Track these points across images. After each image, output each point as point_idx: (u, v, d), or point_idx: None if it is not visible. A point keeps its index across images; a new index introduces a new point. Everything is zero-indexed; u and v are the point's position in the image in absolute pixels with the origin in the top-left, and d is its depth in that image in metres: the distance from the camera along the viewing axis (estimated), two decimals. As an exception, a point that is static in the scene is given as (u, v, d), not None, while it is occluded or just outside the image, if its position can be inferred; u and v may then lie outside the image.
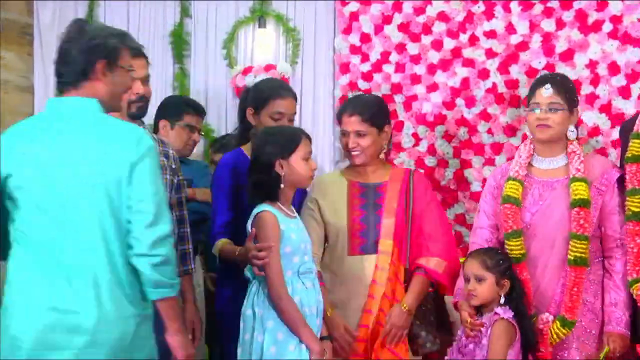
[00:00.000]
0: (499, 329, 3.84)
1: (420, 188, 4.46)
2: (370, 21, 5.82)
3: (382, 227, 4.32)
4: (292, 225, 4.02)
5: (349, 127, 4.29)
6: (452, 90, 5.63)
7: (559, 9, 5.40)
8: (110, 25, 4.07)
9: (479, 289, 3.90)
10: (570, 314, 3.93)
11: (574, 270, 3.94)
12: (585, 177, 4.02)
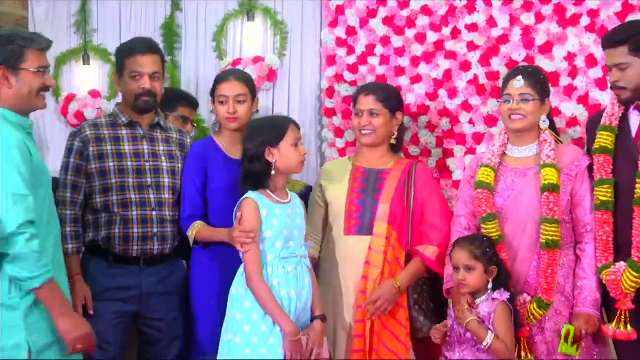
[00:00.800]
0: (504, 312, 3.93)
1: (422, 178, 4.52)
2: (355, 15, 5.79)
3: (378, 211, 4.38)
4: (277, 211, 4.08)
5: (364, 105, 4.40)
6: (435, 81, 5.59)
7: (538, 3, 5.37)
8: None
9: (469, 278, 3.97)
10: (546, 295, 4.02)
11: (547, 253, 4.03)
12: (555, 164, 4.10)
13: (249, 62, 5.95)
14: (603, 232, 4.05)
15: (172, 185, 4.36)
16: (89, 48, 6.29)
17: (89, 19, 6.34)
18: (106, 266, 4.26)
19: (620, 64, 4.03)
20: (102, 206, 4.24)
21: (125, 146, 4.31)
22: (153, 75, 4.32)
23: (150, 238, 4.27)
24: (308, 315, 4.09)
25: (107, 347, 4.22)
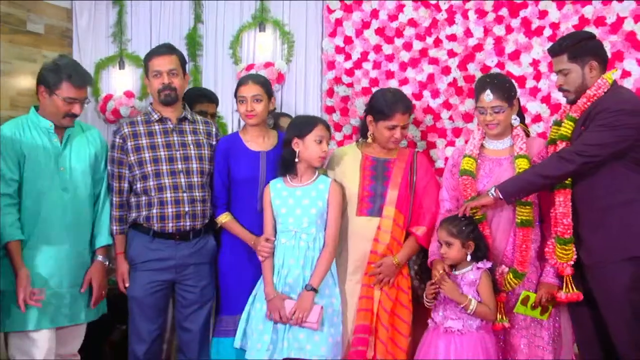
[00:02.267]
0: (487, 278, 3.93)
1: (423, 167, 4.45)
2: (352, 26, 5.81)
3: (387, 196, 4.31)
4: (284, 193, 4.15)
5: (401, 122, 4.24)
6: (420, 84, 5.62)
7: (508, 17, 5.40)
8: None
9: (449, 252, 3.95)
10: (521, 267, 3.99)
11: (522, 230, 3.99)
12: (526, 155, 4.06)
13: (261, 67, 5.96)
14: (559, 209, 4.03)
15: (200, 169, 4.34)
16: (124, 55, 6.34)
17: (124, 30, 6.39)
18: (147, 241, 4.26)
19: (563, 70, 4.03)
20: (142, 190, 4.25)
21: (158, 139, 4.31)
22: (171, 72, 4.30)
23: (183, 216, 4.25)
24: (303, 283, 4.07)
25: (146, 311, 4.29)
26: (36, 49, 6.02)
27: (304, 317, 3.97)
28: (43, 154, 4.06)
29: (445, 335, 3.95)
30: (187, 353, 4.38)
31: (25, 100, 5.86)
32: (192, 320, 4.34)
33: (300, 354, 4.00)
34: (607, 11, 5.17)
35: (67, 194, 4.10)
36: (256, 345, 4.05)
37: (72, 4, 6.43)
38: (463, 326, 3.93)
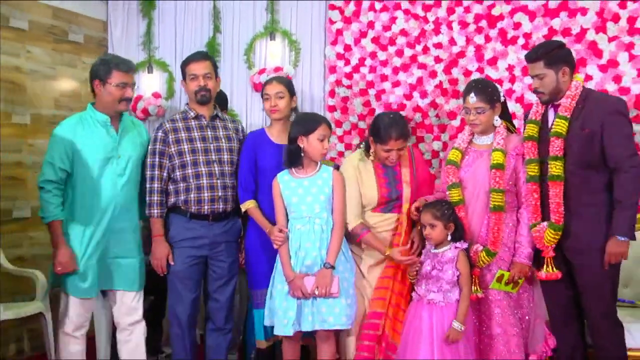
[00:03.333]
0: (464, 256, 3.98)
1: (421, 162, 4.50)
2: (351, 35, 5.87)
3: (403, 194, 4.30)
4: (292, 184, 4.12)
5: (395, 147, 4.20)
6: (410, 85, 5.69)
7: (486, 28, 5.48)
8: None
9: (432, 233, 4.00)
10: (493, 247, 4.02)
11: (494, 214, 4.03)
12: (502, 149, 4.08)
13: (271, 71, 5.95)
14: (532, 199, 4.06)
15: (230, 159, 4.39)
16: (152, 61, 6.37)
17: (152, 39, 6.41)
18: (185, 221, 4.32)
19: (539, 75, 4.03)
20: (181, 178, 4.30)
21: (194, 133, 4.37)
22: (206, 76, 4.37)
23: (217, 200, 4.32)
24: (321, 262, 4.02)
25: (186, 281, 4.35)
26: (76, 56, 6.06)
27: (327, 290, 3.96)
28: (101, 144, 4.15)
29: (428, 306, 3.99)
30: (215, 321, 4.44)
31: (67, 100, 5.94)
32: (221, 292, 4.42)
33: (324, 325, 4.00)
34: (572, 23, 5.24)
35: (121, 179, 4.18)
36: (282, 321, 4.03)
37: (107, 16, 6.44)
38: (444, 298, 3.98)
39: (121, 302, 4.30)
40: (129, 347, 4.31)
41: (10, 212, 5.45)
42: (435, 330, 3.92)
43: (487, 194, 4.09)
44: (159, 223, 4.33)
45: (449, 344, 3.88)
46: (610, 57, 5.19)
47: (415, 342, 3.95)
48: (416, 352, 3.92)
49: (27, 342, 5.57)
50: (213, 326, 4.46)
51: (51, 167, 4.07)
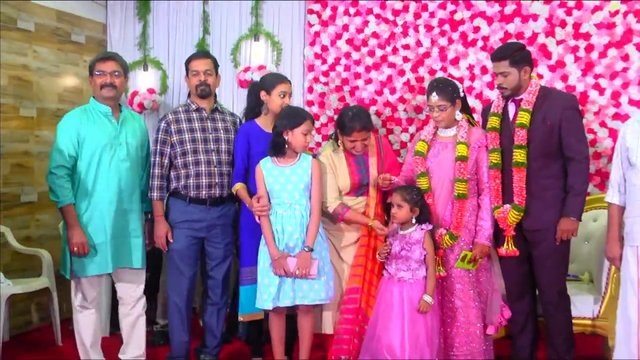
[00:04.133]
0: (429, 237, 3.99)
1: (389, 150, 4.49)
2: (327, 37, 5.90)
3: (371, 179, 4.32)
4: (275, 172, 4.08)
5: (358, 138, 4.23)
6: (381, 83, 5.75)
7: (449, 31, 5.54)
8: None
9: (398, 213, 4.01)
10: (455, 230, 4.06)
11: (458, 202, 4.06)
12: (466, 142, 4.09)
13: (255, 69, 5.97)
14: (494, 184, 4.08)
15: (227, 149, 4.38)
16: (147, 60, 6.40)
17: (147, 40, 6.40)
18: (184, 205, 4.31)
19: (503, 72, 4.04)
20: (182, 164, 4.29)
21: (195, 124, 4.35)
22: (206, 72, 4.35)
23: (214, 186, 4.31)
24: (302, 244, 4.02)
25: (185, 259, 4.35)
26: (78, 55, 6.05)
27: (307, 272, 3.96)
28: (104, 132, 4.13)
29: (398, 283, 3.99)
30: (212, 296, 4.44)
31: (70, 95, 5.94)
32: (217, 270, 4.43)
33: (304, 300, 4.03)
34: (525, 28, 5.33)
35: (124, 164, 4.16)
36: (263, 296, 4.04)
37: (106, 19, 6.41)
38: (412, 276, 3.99)
39: (126, 279, 4.29)
40: (131, 320, 4.31)
41: (19, 197, 5.47)
42: (406, 305, 3.94)
43: (452, 182, 4.11)
44: (160, 205, 4.30)
45: (418, 315, 3.91)
46: (558, 58, 5.29)
47: (387, 315, 3.97)
48: (388, 324, 3.94)
49: (35, 314, 5.60)
50: (210, 301, 4.46)
51: (61, 153, 4.06)
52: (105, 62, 4.21)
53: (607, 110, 5.18)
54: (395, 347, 3.88)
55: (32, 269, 5.32)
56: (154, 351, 4.60)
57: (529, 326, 4.22)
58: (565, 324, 4.11)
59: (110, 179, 4.13)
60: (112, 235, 4.13)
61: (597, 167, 5.16)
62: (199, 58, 4.45)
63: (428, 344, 3.91)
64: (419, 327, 3.92)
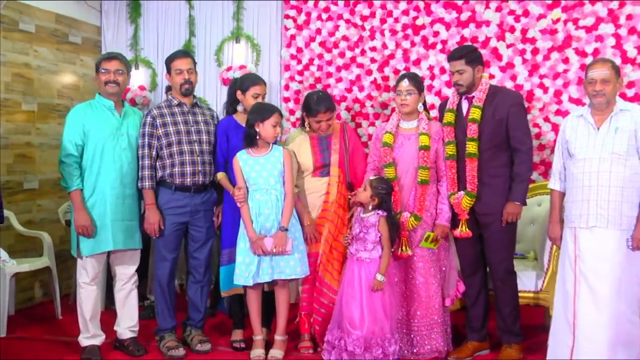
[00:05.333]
0: (384, 221, 3.97)
1: (352, 136, 4.47)
2: (302, 40, 5.90)
3: (332, 161, 4.32)
4: (250, 161, 4.08)
5: (324, 118, 4.27)
6: (350, 81, 5.75)
7: (412, 35, 5.55)
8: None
9: (361, 193, 4.00)
10: (419, 213, 4.09)
11: (421, 187, 4.10)
12: (427, 133, 4.12)
13: (237, 69, 5.95)
14: (450, 173, 4.11)
15: (208, 140, 4.33)
16: (138, 59, 6.32)
17: (138, 41, 6.36)
18: (170, 192, 4.26)
19: (459, 70, 4.04)
20: (167, 155, 4.22)
21: (178, 117, 4.29)
22: (189, 70, 4.29)
23: (197, 173, 4.25)
24: (277, 225, 4.04)
25: (169, 244, 4.30)
26: (76, 55, 6.01)
27: (283, 249, 4.00)
28: (108, 125, 4.11)
29: (357, 262, 4.01)
30: (196, 275, 4.39)
31: (68, 91, 5.90)
32: (200, 251, 4.38)
33: (282, 275, 4.05)
34: (479, 32, 5.38)
35: (125, 152, 4.13)
36: (244, 274, 4.05)
37: (101, 22, 6.37)
38: (369, 256, 3.99)
39: (122, 258, 4.27)
40: (124, 294, 4.30)
41: (22, 184, 5.44)
42: (364, 282, 3.96)
43: (415, 169, 4.13)
44: (151, 193, 4.23)
45: (374, 292, 3.93)
46: (508, 60, 5.35)
47: (349, 291, 3.99)
48: (350, 299, 3.97)
49: (38, 291, 5.59)
50: (194, 279, 4.42)
51: (70, 143, 4.03)
52: (110, 61, 4.19)
53: (551, 107, 5.25)
54: (356, 320, 3.91)
55: (34, 249, 5.30)
56: (145, 324, 4.59)
57: (481, 299, 4.25)
58: (512, 297, 4.15)
59: (113, 166, 4.10)
60: (114, 218, 4.10)
61: (542, 158, 5.23)
62: (182, 57, 4.37)
63: (387, 317, 3.94)
64: (377, 302, 3.94)
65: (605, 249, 3.61)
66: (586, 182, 3.67)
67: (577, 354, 3.64)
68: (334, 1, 5.83)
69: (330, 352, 3.98)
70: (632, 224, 3.60)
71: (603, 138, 3.65)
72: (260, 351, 4.18)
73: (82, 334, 4.20)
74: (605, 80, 3.61)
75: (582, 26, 5.19)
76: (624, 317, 3.60)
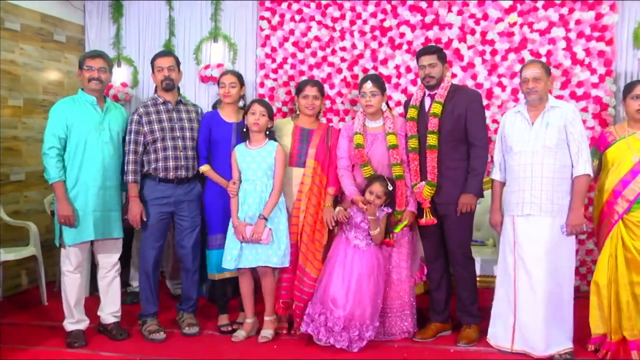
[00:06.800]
0: (385, 218, 4.05)
1: (334, 136, 4.39)
2: (276, 40, 5.91)
3: (309, 153, 4.30)
4: (245, 154, 4.16)
5: (310, 92, 4.30)
6: (322, 79, 5.71)
7: (379, 36, 5.60)
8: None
9: (377, 201, 4.01)
10: (399, 207, 4.11)
11: (398, 182, 4.11)
12: (394, 132, 4.16)
13: (215, 67, 5.94)
14: (413, 165, 4.13)
15: (191, 136, 4.34)
16: (121, 57, 6.29)
17: (121, 40, 6.32)
18: (154, 185, 4.27)
19: (432, 64, 4.07)
20: (152, 150, 4.25)
21: (162, 115, 4.30)
22: (169, 68, 4.30)
23: (180, 168, 4.27)
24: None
25: (154, 232, 4.31)
26: (60, 52, 5.99)
27: (259, 237, 4.03)
28: (90, 119, 4.10)
29: (353, 248, 4.06)
30: (185, 263, 4.42)
31: (53, 87, 5.87)
32: (187, 240, 4.38)
33: (259, 263, 4.10)
34: (442, 34, 5.46)
35: (107, 146, 4.12)
36: (227, 257, 4.13)
37: (84, 21, 6.33)
38: (366, 245, 4.07)
39: (105, 247, 4.27)
40: (107, 281, 4.31)
41: (9, 176, 5.40)
42: (356, 268, 4.02)
43: (386, 166, 4.17)
44: (134, 187, 4.25)
45: (364, 279, 3.98)
46: (469, 60, 5.44)
47: (338, 272, 4.03)
48: (337, 279, 4.01)
49: (24, 278, 5.57)
50: (183, 266, 4.45)
51: (53, 136, 4.01)
52: (94, 59, 4.18)
53: (508, 104, 5.35)
54: (339, 299, 3.96)
55: (20, 239, 5.28)
56: (127, 309, 4.61)
57: (443, 284, 4.31)
58: (470, 281, 4.23)
59: (95, 159, 4.09)
60: (96, 208, 4.10)
61: (500, 152, 5.30)
62: (163, 56, 4.40)
63: (371, 305, 3.99)
64: (364, 288, 3.98)
65: (539, 234, 3.81)
66: (522, 174, 3.86)
67: (518, 331, 3.85)
68: (307, 3, 5.85)
69: (309, 325, 4.04)
70: (563, 211, 3.81)
71: (536, 132, 3.84)
72: (242, 333, 4.25)
73: (67, 319, 4.21)
74: (536, 78, 3.82)
75: (536, 29, 5.32)
76: (556, 296, 3.82)
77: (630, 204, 3.84)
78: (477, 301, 4.26)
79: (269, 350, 4.07)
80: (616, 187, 3.90)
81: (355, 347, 3.97)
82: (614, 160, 3.96)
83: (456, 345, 4.12)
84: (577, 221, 3.79)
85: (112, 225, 4.21)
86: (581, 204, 3.82)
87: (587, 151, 3.83)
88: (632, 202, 3.84)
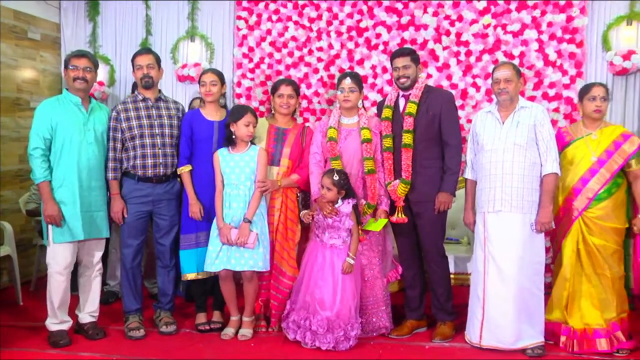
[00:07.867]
0: (353, 211, 4.02)
1: (310, 135, 4.39)
2: (253, 40, 5.88)
3: (283, 152, 4.30)
4: (227, 158, 4.15)
5: (285, 92, 4.29)
6: (299, 79, 5.71)
7: (356, 36, 5.61)
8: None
9: (328, 194, 4.00)
10: (371, 200, 4.12)
11: (369, 176, 4.12)
12: (368, 127, 4.16)
13: (192, 66, 5.92)
14: (388, 164, 4.14)
15: (170, 134, 4.30)
16: (97, 56, 6.08)
17: (97, 39, 6.26)
18: (134, 183, 4.24)
19: (406, 65, 4.10)
20: (131, 147, 4.21)
21: (141, 112, 4.26)
22: (148, 66, 4.28)
23: (159, 166, 4.24)
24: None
25: (133, 231, 4.29)
26: (35, 50, 5.91)
27: (245, 241, 4.02)
28: (75, 120, 4.06)
29: (330, 249, 4.05)
30: (162, 260, 4.40)
31: (27, 86, 5.79)
32: (165, 238, 4.36)
33: (246, 267, 4.07)
34: (418, 35, 5.47)
35: (92, 146, 4.09)
36: (207, 260, 4.11)
37: (60, 19, 6.25)
38: (342, 243, 4.06)
39: (89, 246, 4.22)
40: (88, 281, 4.26)
41: (-17, 175, 5.34)
42: (337, 267, 4.02)
43: (359, 162, 4.17)
44: (115, 184, 4.23)
45: (347, 276, 3.99)
46: (444, 61, 5.46)
47: (319, 275, 4.03)
48: (320, 282, 4.01)
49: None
50: (161, 264, 4.42)
51: (38, 136, 3.97)
52: (80, 58, 4.14)
53: (483, 104, 5.38)
54: (327, 301, 3.97)
55: (-5, 239, 5.20)
56: (105, 308, 4.56)
57: (417, 281, 4.33)
58: (444, 278, 4.25)
59: (80, 159, 4.06)
60: (82, 208, 4.07)
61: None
62: (142, 54, 4.37)
63: (353, 299, 4.02)
64: (349, 286, 4.01)
65: (509, 230, 3.86)
66: (492, 171, 3.92)
67: (486, 326, 3.89)
68: (284, 4, 5.84)
69: (296, 332, 4.05)
70: (533, 207, 3.88)
71: (507, 131, 3.92)
72: (230, 330, 4.25)
73: (49, 319, 4.15)
74: (507, 79, 3.91)
75: (509, 31, 5.36)
76: (527, 291, 3.87)
77: (590, 201, 3.94)
78: (452, 298, 4.29)
79: (247, 349, 4.05)
80: (576, 185, 3.99)
81: (342, 347, 3.96)
82: (573, 159, 4.04)
83: (431, 342, 4.13)
84: (546, 219, 3.85)
85: (100, 224, 4.19)
86: (550, 202, 3.87)
87: (555, 150, 3.89)
88: (591, 199, 3.94)
